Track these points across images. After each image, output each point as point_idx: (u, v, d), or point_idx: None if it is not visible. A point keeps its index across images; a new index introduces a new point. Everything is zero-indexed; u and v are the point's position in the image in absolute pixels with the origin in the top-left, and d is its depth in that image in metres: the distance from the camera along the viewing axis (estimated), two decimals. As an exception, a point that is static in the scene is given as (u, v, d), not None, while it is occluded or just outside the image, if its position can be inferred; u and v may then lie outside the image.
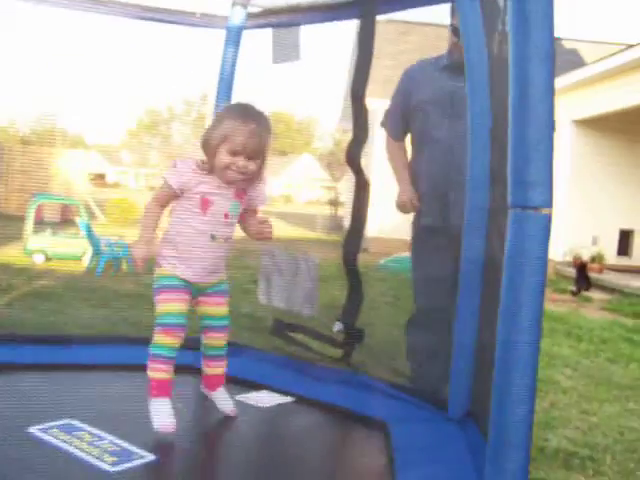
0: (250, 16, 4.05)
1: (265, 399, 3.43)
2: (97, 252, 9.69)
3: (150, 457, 2.63)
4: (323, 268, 3.94)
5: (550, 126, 1.78)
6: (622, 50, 13.73)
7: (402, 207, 4.03)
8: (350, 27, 4.11)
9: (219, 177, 2.87)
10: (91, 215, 12.74)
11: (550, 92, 1.79)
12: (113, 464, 2.54)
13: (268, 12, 4.05)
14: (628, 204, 15.55)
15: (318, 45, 4.35)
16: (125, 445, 2.71)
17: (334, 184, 21.76)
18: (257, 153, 2.84)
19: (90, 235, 9.78)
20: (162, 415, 2.78)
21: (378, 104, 4.87)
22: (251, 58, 4.22)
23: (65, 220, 14.07)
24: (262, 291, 4.03)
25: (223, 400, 3.14)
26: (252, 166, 2.84)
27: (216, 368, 3.14)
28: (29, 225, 10.59)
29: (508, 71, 1.88)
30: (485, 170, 3.03)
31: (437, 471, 2.75)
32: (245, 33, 4.11)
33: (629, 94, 13.23)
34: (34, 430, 2.78)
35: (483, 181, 3.04)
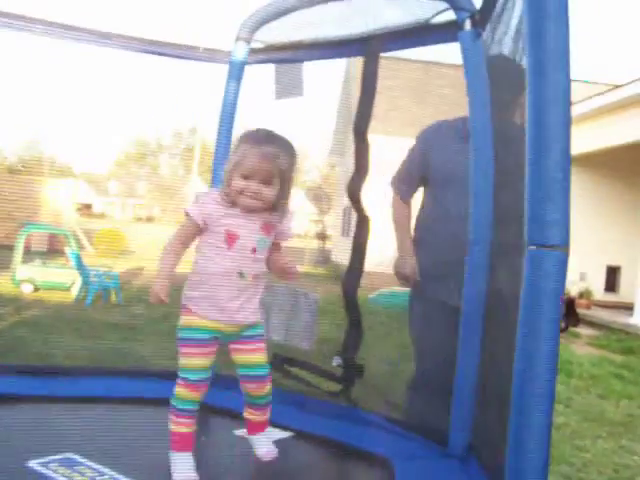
0: (253, 51, 4.08)
1: (264, 434, 3.41)
2: (86, 282, 9.64)
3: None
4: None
5: (567, 165, 1.80)
6: (608, 90, 13.98)
7: (402, 279, 3.89)
8: (339, 62, 4.16)
9: (238, 205, 2.72)
10: (79, 245, 12.69)
11: (566, 131, 1.81)
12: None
13: (271, 48, 4.08)
14: (614, 240, 15.71)
15: (308, 79, 4.35)
16: (112, 473, 2.68)
17: (321, 217, 21.78)
18: (271, 177, 2.68)
19: (80, 265, 9.75)
20: (184, 470, 2.69)
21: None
22: (246, 93, 4.24)
23: (53, 250, 14.02)
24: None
25: (259, 445, 3.01)
26: (267, 191, 2.69)
27: (254, 415, 3.00)
28: (18, 254, 10.54)
29: (514, 109, 1.90)
30: (488, 209, 3.05)
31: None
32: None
33: (614, 133, 13.47)
34: (34, 464, 2.75)
35: (486, 220, 3.06)
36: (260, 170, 2.67)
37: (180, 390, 2.73)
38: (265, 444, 3.01)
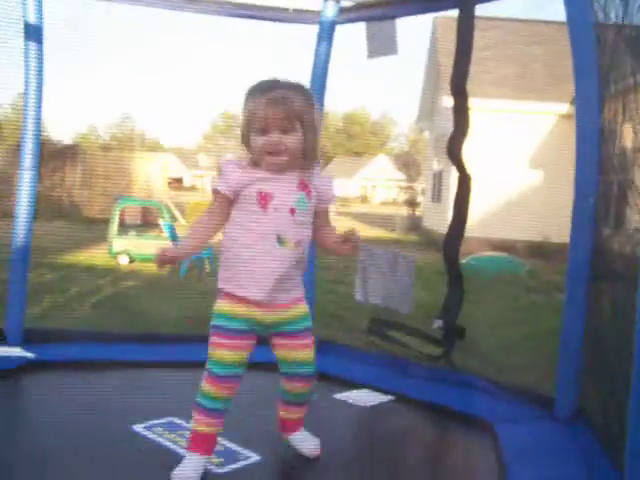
0: (343, 10, 3.99)
1: (365, 398, 3.38)
2: (180, 253, 9.74)
3: (255, 457, 2.61)
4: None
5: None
6: None
7: None
8: (425, 22, 4.03)
9: (264, 166, 2.42)
10: (172, 217, 12.90)
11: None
12: (220, 465, 2.53)
13: (361, 5, 3.99)
14: None
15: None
16: (230, 445, 2.69)
17: (410, 184, 21.61)
18: (290, 123, 2.37)
19: (173, 236, 9.88)
20: (185, 471, 2.39)
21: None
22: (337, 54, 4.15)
23: (147, 222, 14.29)
24: (359, 289, 3.97)
25: (303, 441, 2.69)
26: (290, 140, 2.37)
27: (293, 413, 2.69)
28: (113, 228, 10.77)
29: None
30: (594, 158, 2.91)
31: (550, 473, 2.64)
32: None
33: None
34: (139, 428, 2.79)
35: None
36: (275, 118, 2.36)
37: (205, 385, 2.43)
38: (309, 441, 2.69)
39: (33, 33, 3.62)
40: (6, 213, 3.87)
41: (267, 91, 2.38)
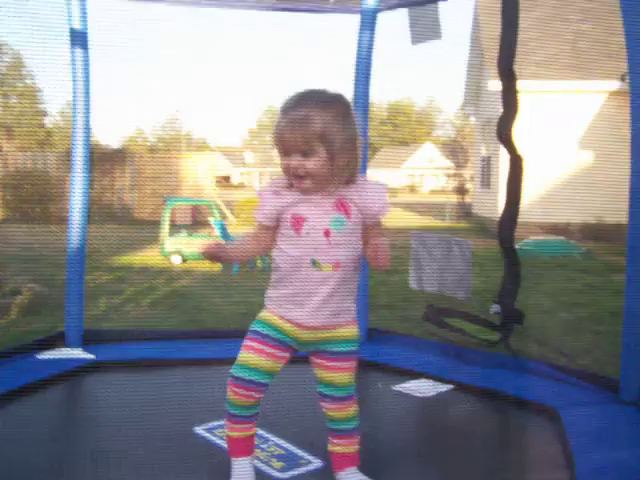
0: (384, -3, 3.95)
1: (424, 388, 3.35)
2: (232, 250, 9.80)
3: (318, 463, 2.56)
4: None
5: None
6: None
7: None
8: (466, 4, 3.96)
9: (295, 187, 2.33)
10: (222, 215, 12.99)
11: None
12: (281, 469, 2.50)
13: (402, -9, 3.94)
14: None
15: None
16: (291, 448, 2.66)
17: (459, 171, 21.39)
18: (310, 145, 2.24)
19: (224, 233, 9.96)
20: (240, 477, 2.37)
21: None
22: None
23: (197, 221, 14.43)
24: (413, 276, 3.94)
25: None
26: (311, 164, 2.24)
27: (338, 446, 2.45)
28: (164, 228, 10.88)
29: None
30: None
31: (617, 456, 2.59)
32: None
33: None
34: (200, 430, 2.79)
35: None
36: (293, 142, 2.24)
37: (229, 391, 2.34)
38: None
39: (78, 39, 3.66)
40: (62, 218, 3.94)
41: (290, 109, 2.27)
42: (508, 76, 3.45)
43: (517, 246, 10.64)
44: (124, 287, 7.73)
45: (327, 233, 2.27)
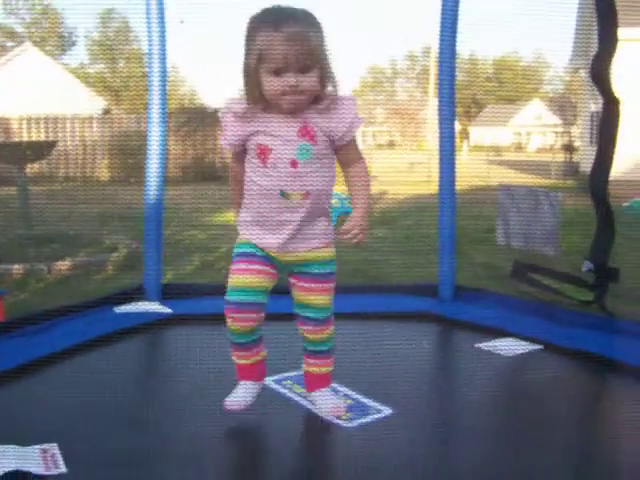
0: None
1: (511, 347, 3.18)
2: (330, 207, 9.75)
3: (387, 411, 2.47)
4: (564, 212, 3.60)
5: None
6: None
7: None
8: None
9: (278, 110, 2.22)
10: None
11: None
12: (349, 420, 2.42)
13: None
14: None
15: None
16: (360, 398, 2.58)
17: (567, 129, 20.65)
18: (309, 62, 2.14)
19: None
20: (237, 396, 2.43)
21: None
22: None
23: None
24: (500, 231, 3.75)
25: (320, 403, 2.49)
26: (309, 81, 2.15)
27: (313, 366, 2.49)
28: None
29: None
30: None
31: None
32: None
33: None
34: (270, 382, 2.72)
35: None
36: (294, 57, 2.12)
37: (227, 320, 2.33)
38: (327, 401, 2.49)
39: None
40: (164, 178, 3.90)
41: (281, 25, 2.12)
42: (605, 14, 3.19)
43: (626, 204, 10.15)
44: (219, 245, 7.78)
45: (294, 164, 2.21)
